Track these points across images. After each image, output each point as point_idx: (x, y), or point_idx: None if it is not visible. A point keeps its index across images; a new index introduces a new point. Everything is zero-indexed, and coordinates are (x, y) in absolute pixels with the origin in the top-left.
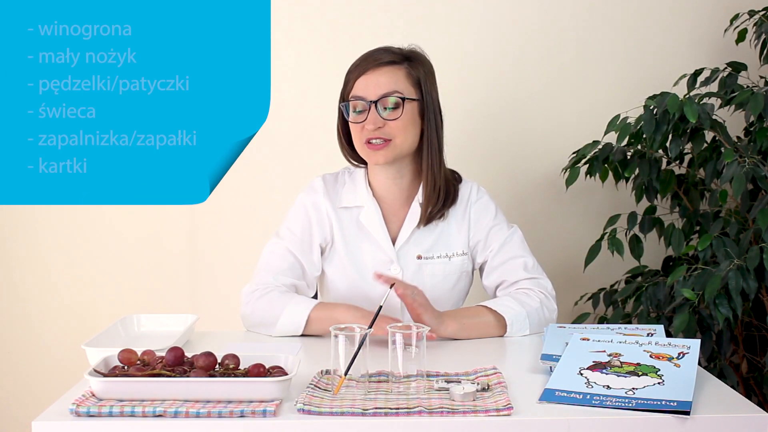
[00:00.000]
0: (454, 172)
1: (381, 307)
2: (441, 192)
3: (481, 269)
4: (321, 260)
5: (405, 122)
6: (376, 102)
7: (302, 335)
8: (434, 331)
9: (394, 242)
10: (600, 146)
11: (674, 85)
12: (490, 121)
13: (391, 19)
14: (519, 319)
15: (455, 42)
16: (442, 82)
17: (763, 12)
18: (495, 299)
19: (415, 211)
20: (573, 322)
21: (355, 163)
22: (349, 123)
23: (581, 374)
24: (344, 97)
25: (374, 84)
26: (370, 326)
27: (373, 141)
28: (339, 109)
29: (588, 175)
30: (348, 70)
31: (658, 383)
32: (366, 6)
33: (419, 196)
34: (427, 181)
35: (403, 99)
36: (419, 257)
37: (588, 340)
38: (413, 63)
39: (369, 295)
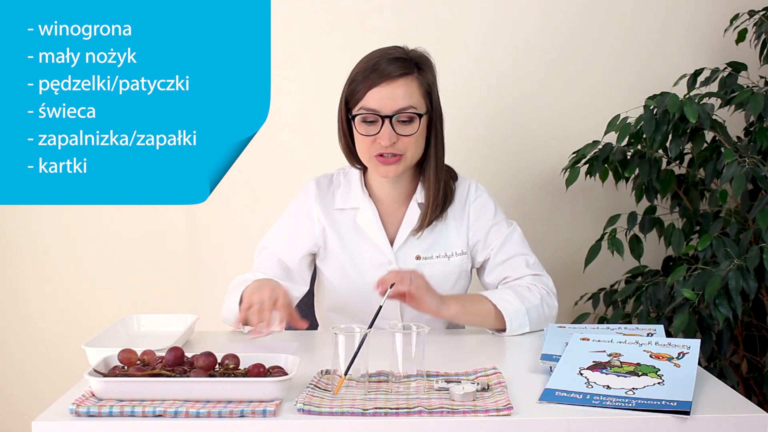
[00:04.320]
0: (449, 170)
1: (381, 307)
2: (441, 196)
3: (481, 268)
4: (311, 264)
5: (417, 136)
6: (391, 117)
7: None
8: (436, 312)
9: (392, 243)
10: (600, 146)
11: (674, 85)
12: (490, 121)
13: (391, 20)
14: (518, 315)
15: (455, 42)
16: (442, 83)
17: (763, 12)
18: (496, 291)
19: (414, 211)
20: (573, 322)
21: (358, 166)
22: (358, 134)
23: (581, 374)
24: (350, 105)
25: (390, 98)
26: (370, 326)
27: (385, 155)
28: (341, 113)
29: (588, 175)
30: (354, 77)
31: (658, 383)
32: (366, 6)
33: (417, 196)
34: (430, 190)
35: (420, 115)
36: (418, 257)
37: (588, 340)
38: (422, 70)
39: (369, 296)
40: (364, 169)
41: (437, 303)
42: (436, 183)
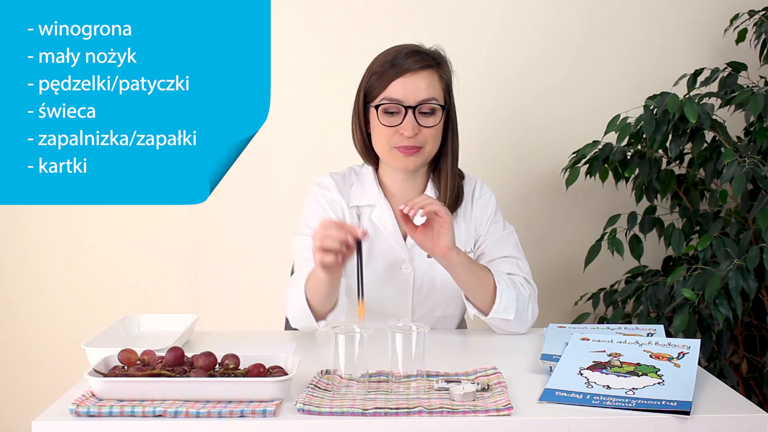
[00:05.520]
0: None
1: (361, 265)
2: (455, 192)
3: None
4: None
5: (438, 129)
6: (414, 108)
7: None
8: (447, 250)
9: (404, 240)
10: (600, 146)
11: (674, 85)
12: (490, 122)
13: (393, 21)
14: (509, 296)
15: (457, 45)
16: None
17: (763, 12)
18: (495, 270)
19: None
20: (573, 322)
21: (371, 163)
22: (379, 125)
23: (581, 374)
24: (368, 98)
25: (413, 89)
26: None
27: (405, 146)
28: (357, 107)
29: (588, 175)
30: (375, 71)
31: (658, 383)
32: (367, 7)
33: (428, 192)
34: (447, 186)
35: (443, 107)
36: (430, 255)
37: (588, 340)
38: (441, 66)
39: (381, 294)
40: (375, 167)
41: (453, 242)
42: (452, 179)
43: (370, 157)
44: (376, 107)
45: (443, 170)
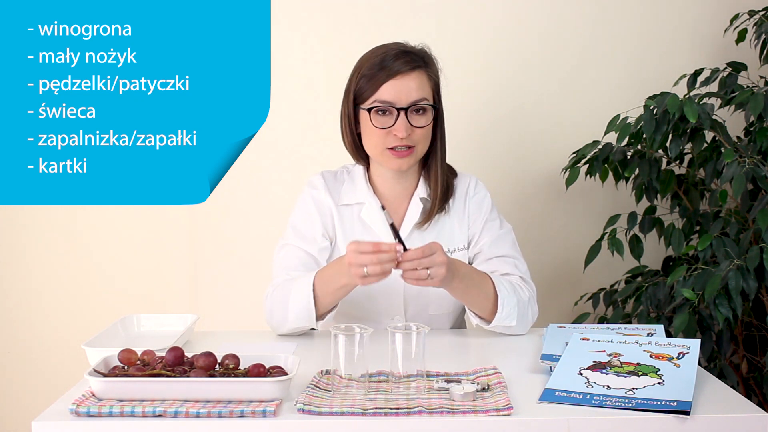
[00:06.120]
0: (448, 166)
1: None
2: (444, 189)
3: (470, 263)
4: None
5: (429, 129)
6: (406, 109)
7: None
8: (441, 284)
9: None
10: (600, 146)
11: (674, 85)
12: (490, 122)
13: (394, 21)
14: (510, 303)
15: (456, 42)
16: (445, 84)
17: (763, 12)
18: (495, 275)
19: (416, 206)
20: (573, 322)
21: (362, 162)
22: (371, 127)
23: (581, 374)
24: (358, 100)
25: (405, 90)
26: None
27: (398, 148)
28: (346, 109)
29: (588, 175)
30: (362, 72)
31: (658, 383)
32: (367, 6)
33: (419, 191)
34: (437, 183)
35: (433, 107)
36: None
37: (588, 340)
38: (429, 66)
39: (372, 292)
40: (366, 166)
41: (448, 278)
42: (442, 176)
43: (361, 156)
44: (368, 110)
45: (433, 167)
